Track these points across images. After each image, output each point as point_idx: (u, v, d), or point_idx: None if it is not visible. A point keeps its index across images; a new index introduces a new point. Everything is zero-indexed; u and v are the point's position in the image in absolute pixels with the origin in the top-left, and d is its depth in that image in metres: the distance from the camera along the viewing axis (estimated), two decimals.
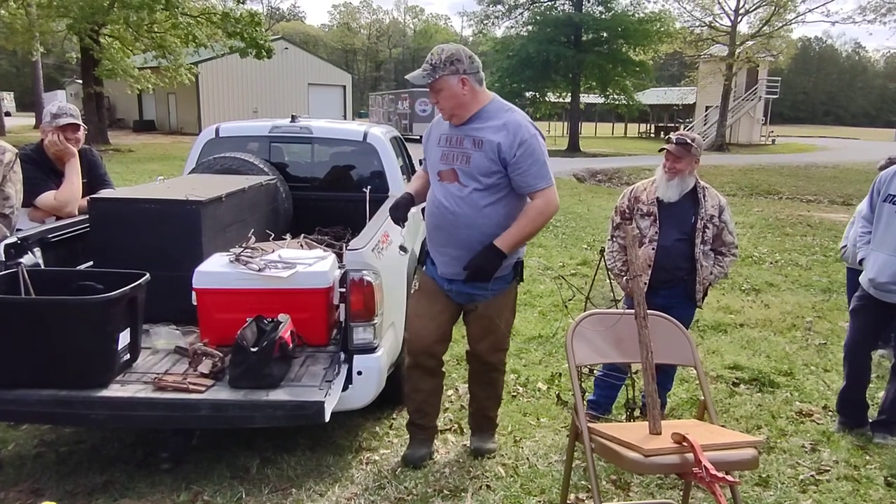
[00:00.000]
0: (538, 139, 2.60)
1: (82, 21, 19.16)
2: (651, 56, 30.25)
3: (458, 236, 2.65)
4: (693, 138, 3.18)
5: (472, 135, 2.61)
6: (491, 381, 3.01)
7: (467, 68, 2.56)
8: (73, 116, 3.36)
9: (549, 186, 2.62)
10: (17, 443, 3.12)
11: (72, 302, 2.54)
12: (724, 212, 3.20)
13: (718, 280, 3.29)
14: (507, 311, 2.86)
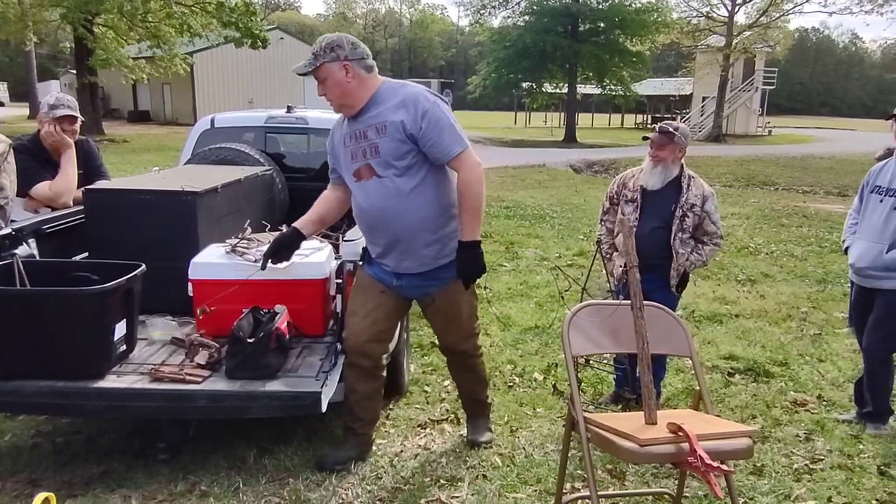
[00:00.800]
0: (439, 105, 2.52)
1: (76, 10, 19.02)
2: (648, 46, 30.20)
3: (394, 230, 2.56)
4: (677, 127, 3.22)
5: (372, 123, 2.52)
6: (469, 368, 2.96)
7: (349, 54, 2.48)
8: (70, 108, 3.34)
9: (465, 148, 2.52)
10: (13, 433, 3.13)
11: (66, 293, 2.54)
12: (707, 202, 3.21)
13: (696, 267, 3.31)
14: (465, 295, 2.74)
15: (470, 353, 2.91)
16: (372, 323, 2.67)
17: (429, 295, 2.72)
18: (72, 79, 28.22)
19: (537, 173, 15.81)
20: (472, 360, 2.93)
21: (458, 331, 2.82)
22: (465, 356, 2.91)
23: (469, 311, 2.81)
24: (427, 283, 2.68)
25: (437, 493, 2.62)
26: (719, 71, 29.61)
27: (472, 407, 3.06)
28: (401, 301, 2.75)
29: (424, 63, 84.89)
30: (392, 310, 2.73)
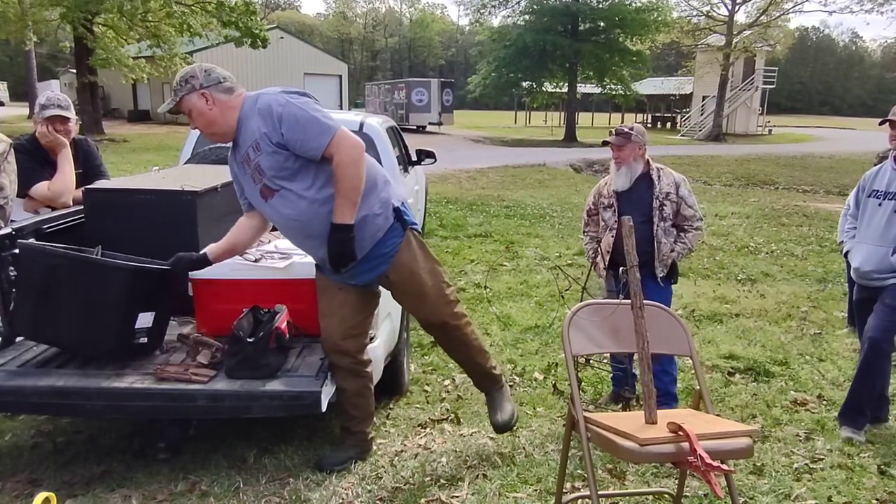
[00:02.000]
0: (292, 103, 2.44)
1: (75, 10, 18.98)
2: (648, 46, 30.15)
3: (314, 233, 2.53)
4: (632, 127, 3.34)
5: (248, 144, 2.49)
6: (459, 341, 2.86)
7: (203, 82, 2.46)
8: (60, 108, 3.31)
9: (334, 134, 2.43)
10: (13, 433, 3.13)
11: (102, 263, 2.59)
12: (680, 187, 3.29)
13: (683, 255, 3.35)
14: (420, 263, 2.68)
15: (452, 325, 2.79)
16: (340, 321, 2.66)
17: (381, 276, 2.67)
18: (72, 78, 28.22)
19: (537, 173, 15.81)
20: (458, 332, 2.83)
21: (429, 302, 2.73)
22: (449, 329, 2.80)
23: (434, 279, 2.73)
24: (373, 265, 2.63)
25: (437, 492, 2.63)
26: (719, 70, 29.59)
27: (482, 382, 3.00)
28: (363, 293, 2.71)
29: (424, 62, 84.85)
30: (357, 304, 2.70)
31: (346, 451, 2.82)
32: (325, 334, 2.68)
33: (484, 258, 6.95)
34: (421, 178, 6.94)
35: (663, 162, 3.42)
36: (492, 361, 3.00)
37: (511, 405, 3.00)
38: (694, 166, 17.91)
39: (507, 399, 3.01)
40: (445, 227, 8.55)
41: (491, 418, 2.96)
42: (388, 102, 32.35)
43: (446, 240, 7.85)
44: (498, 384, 3.01)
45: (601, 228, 3.42)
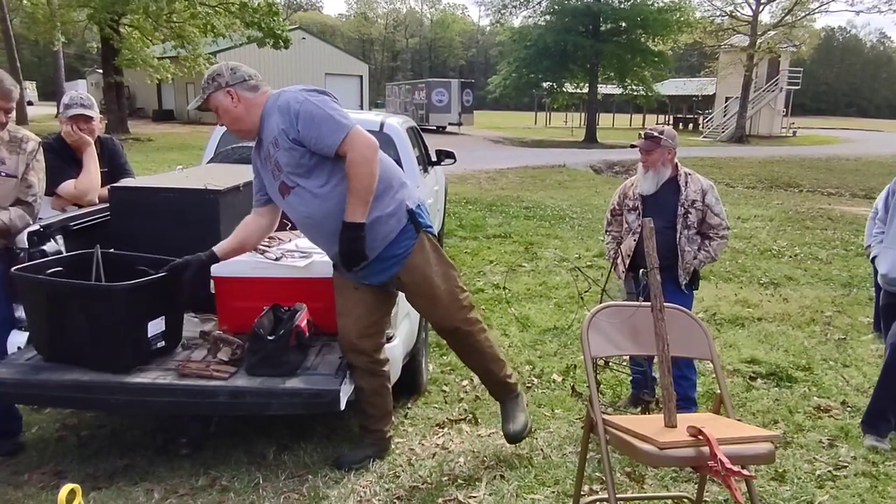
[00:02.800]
0: (310, 100, 2.46)
1: (102, 11, 19.34)
2: (670, 46, 29.91)
3: (327, 229, 2.55)
4: (661, 131, 3.26)
5: (269, 140, 2.52)
6: (472, 347, 2.83)
7: (229, 80, 2.51)
8: (83, 107, 3.36)
9: (348, 132, 2.44)
10: (39, 426, 3.19)
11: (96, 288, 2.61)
12: (707, 195, 3.23)
13: (705, 264, 3.31)
14: (432, 266, 2.66)
15: (465, 330, 2.77)
16: (356, 320, 2.68)
17: (393, 276, 2.66)
18: (98, 78, 28.69)
19: (557, 174, 15.75)
20: (471, 339, 2.80)
21: (441, 306, 2.71)
22: (461, 334, 2.78)
23: (447, 283, 2.70)
24: (385, 266, 2.62)
25: (454, 492, 2.63)
26: (743, 71, 29.24)
27: (496, 390, 2.96)
28: (379, 293, 2.71)
29: (445, 63, 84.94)
30: (373, 303, 2.70)
31: (365, 450, 2.83)
32: (342, 333, 2.70)
33: (503, 259, 6.94)
34: (441, 178, 6.95)
35: (685, 164, 3.38)
36: (507, 370, 2.95)
37: (525, 416, 2.94)
38: (716, 168, 17.72)
39: (521, 409, 2.95)
40: (465, 228, 8.55)
41: (503, 427, 2.93)
42: (409, 103, 32.44)
43: (465, 240, 7.85)
44: (512, 393, 2.96)
45: (624, 230, 3.39)
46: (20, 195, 2.77)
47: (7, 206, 2.73)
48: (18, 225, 2.76)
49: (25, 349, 2.75)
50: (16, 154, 2.77)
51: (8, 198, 2.74)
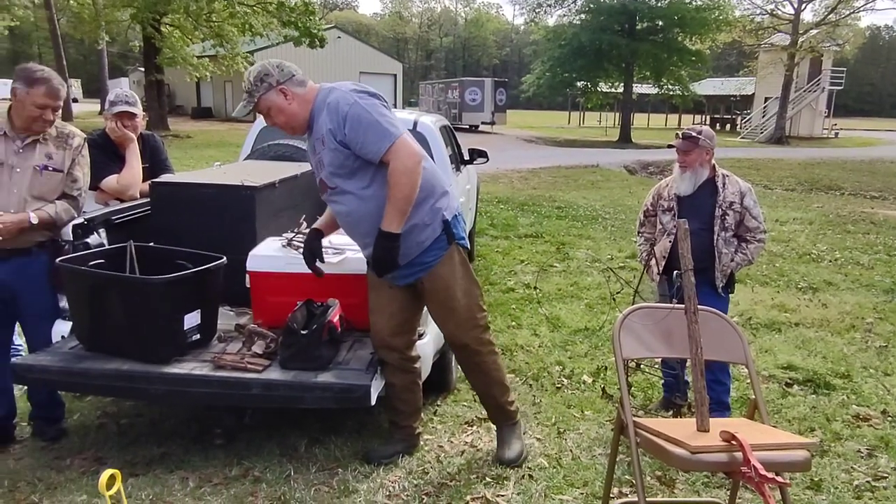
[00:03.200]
0: (360, 104, 2.44)
1: (145, 10, 19.84)
2: (708, 45, 29.36)
3: (363, 230, 2.57)
4: (700, 131, 3.20)
5: (318, 136, 2.53)
6: (477, 367, 2.80)
7: (279, 78, 2.48)
8: (128, 104, 3.46)
9: (395, 141, 2.42)
10: (81, 413, 3.30)
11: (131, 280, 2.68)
12: (745, 197, 3.17)
13: (742, 267, 3.25)
14: (457, 279, 2.65)
15: (474, 349, 2.75)
16: (389, 317, 2.70)
17: (418, 280, 2.67)
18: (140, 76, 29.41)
19: (590, 174, 15.61)
20: (478, 358, 2.78)
21: (455, 320, 2.69)
22: (470, 352, 2.76)
23: (467, 300, 2.69)
24: (413, 271, 2.63)
25: (482, 490, 2.64)
26: (783, 71, 28.55)
27: (494, 415, 2.93)
28: (413, 291, 2.73)
29: (478, 62, 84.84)
30: (406, 301, 2.72)
31: (394, 445, 2.86)
32: (374, 330, 2.73)
33: (534, 259, 6.91)
34: (473, 177, 6.96)
35: (722, 165, 3.32)
36: (509, 397, 2.92)
37: (520, 444, 2.91)
38: (754, 169, 17.35)
39: (517, 437, 2.93)
40: (496, 227, 8.54)
41: (497, 452, 2.89)
42: (442, 101, 32.49)
43: (497, 239, 7.84)
44: (510, 420, 2.93)
45: (658, 231, 3.35)
46: (66, 189, 2.87)
47: (53, 199, 2.82)
48: (64, 218, 2.86)
49: (69, 338, 2.85)
50: (62, 150, 2.86)
51: (55, 192, 2.83)
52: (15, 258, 2.78)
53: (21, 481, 2.66)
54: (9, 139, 2.74)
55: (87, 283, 2.65)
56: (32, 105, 2.68)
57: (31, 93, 2.67)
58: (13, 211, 2.70)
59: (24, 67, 2.74)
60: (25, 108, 2.69)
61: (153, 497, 2.51)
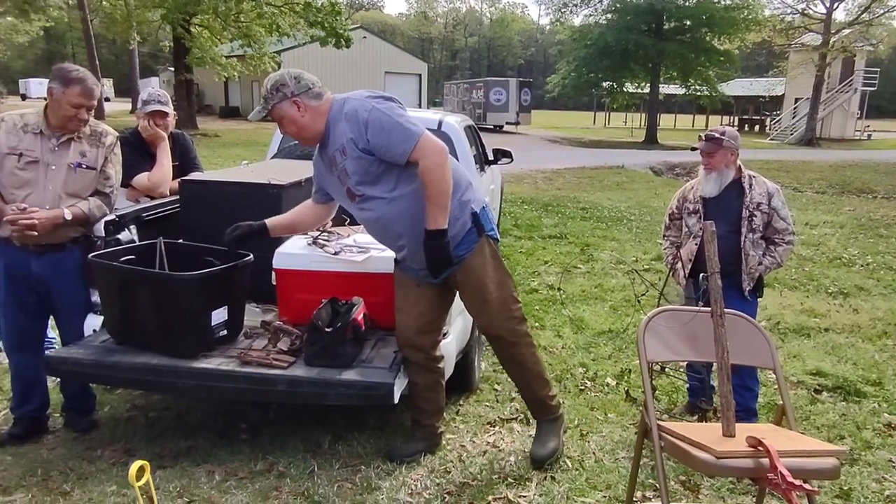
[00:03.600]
0: (378, 109, 2.47)
1: (175, 11, 20.17)
2: (737, 45, 28.90)
3: (397, 234, 2.60)
4: (723, 131, 3.15)
5: (336, 148, 2.54)
6: (514, 359, 2.81)
7: (295, 89, 2.51)
8: (160, 103, 3.53)
9: (418, 140, 2.45)
10: (111, 406, 3.37)
11: (161, 276, 2.74)
12: (773, 198, 3.12)
13: (770, 270, 3.20)
14: (489, 271, 2.67)
15: (509, 341, 2.76)
16: (416, 316, 2.71)
17: (451, 275, 2.69)
18: (170, 76, 29.89)
19: (615, 175, 15.48)
20: (514, 350, 2.79)
21: (490, 312, 2.71)
22: (505, 343, 2.78)
23: (500, 292, 2.70)
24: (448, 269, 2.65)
25: (504, 490, 2.64)
26: (814, 71, 27.99)
27: (534, 408, 2.94)
28: (439, 290, 2.74)
29: (503, 62, 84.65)
30: (432, 301, 2.74)
31: (416, 444, 2.87)
32: (400, 329, 2.75)
33: (558, 260, 6.88)
34: (497, 177, 6.95)
35: (750, 167, 3.28)
36: (550, 390, 2.92)
37: (556, 442, 2.88)
38: (784, 172, 17.06)
39: (555, 434, 2.90)
40: (520, 228, 8.52)
41: (531, 449, 2.88)
42: (467, 101, 32.48)
43: (520, 240, 7.82)
44: (550, 415, 2.92)
45: (683, 234, 3.31)
46: (98, 186, 2.93)
47: (87, 196, 2.89)
48: (97, 214, 2.92)
49: (100, 332, 2.91)
50: (95, 147, 2.92)
51: (88, 188, 2.89)
52: (49, 253, 2.85)
53: (54, 471, 2.73)
54: (44, 137, 2.81)
55: (117, 279, 2.70)
56: (68, 104, 2.75)
57: (67, 92, 2.73)
58: (48, 207, 2.77)
59: (60, 67, 2.81)
60: (61, 108, 2.76)
61: (180, 489, 2.55)
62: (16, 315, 2.92)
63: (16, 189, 2.75)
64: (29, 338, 2.98)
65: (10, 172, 2.75)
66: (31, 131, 2.79)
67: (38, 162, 2.78)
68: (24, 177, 2.76)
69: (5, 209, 2.71)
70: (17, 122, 2.80)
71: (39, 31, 27.62)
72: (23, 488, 2.60)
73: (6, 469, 2.76)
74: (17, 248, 2.81)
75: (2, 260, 2.86)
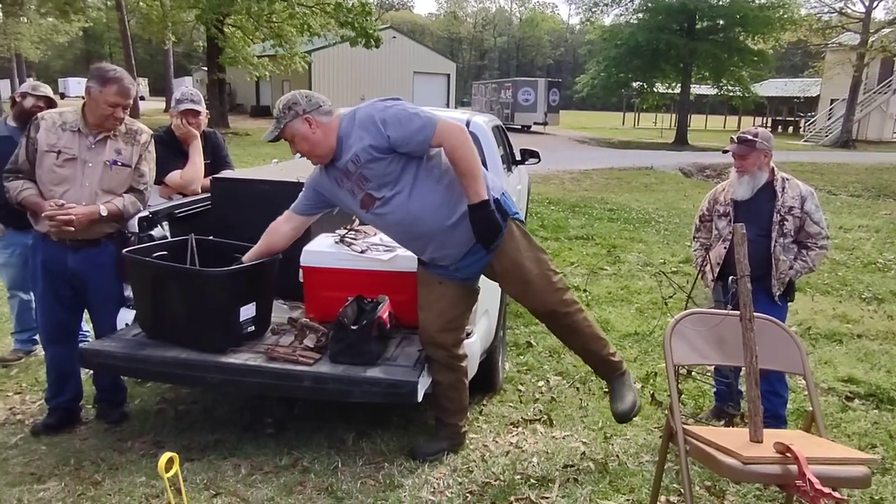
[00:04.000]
0: (389, 107, 2.53)
1: (209, 12, 20.51)
2: (771, 45, 28.36)
3: (421, 232, 2.61)
4: (756, 133, 3.09)
5: (348, 159, 2.56)
6: (570, 328, 2.81)
7: (306, 107, 2.55)
8: (193, 102, 3.60)
9: (435, 127, 2.49)
10: (141, 398, 3.44)
11: (191, 272, 2.79)
12: (806, 202, 3.05)
13: (802, 275, 3.13)
14: (523, 251, 2.69)
15: (561, 312, 2.75)
16: (438, 314, 2.72)
17: (487, 266, 2.70)
18: (203, 75, 30.38)
19: (644, 176, 15.31)
20: (567, 320, 2.78)
21: (536, 290, 2.71)
22: (558, 316, 2.77)
23: (539, 268, 2.71)
24: (478, 258, 2.67)
25: (526, 491, 2.63)
26: (852, 71, 27.31)
27: (600, 369, 2.94)
28: (462, 289, 2.75)
29: (532, 62, 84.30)
30: (455, 299, 2.75)
31: (439, 442, 2.88)
32: (423, 327, 2.76)
33: (584, 261, 6.84)
34: (524, 177, 6.93)
35: (783, 169, 3.22)
36: (609, 348, 2.91)
37: (633, 394, 2.86)
38: (818, 174, 16.68)
39: (628, 387, 2.88)
40: (546, 228, 8.48)
41: (611, 406, 2.87)
42: (494, 101, 32.42)
43: (547, 241, 7.79)
44: (617, 371, 2.90)
45: (713, 237, 3.26)
46: (133, 183, 3.00)
47: (121, 193, 2.96)
48: (131, 211, 2.99)
49: (132, 326, 2.98)
50: (131, 145, 3.00)
51: (123, 185, 2.97)
52: (85, 248, 2.93)
53: (86, 461, 2.80)
54: (82, 135, 2.88)
55: (150, 274, 2.77)
56: (105, 103, 2.82)
57: (105, 91, 2.80)
58: (84, 203, 2.84)
59: (98, 67, 2.88)
60: (99, 106, 2.83)
61: (207, 482, 2.60)
62: (52, 308, 3.01)
63: (54, 185, 2.83)
64: (64, 330, 3.06)
65: (48, 169, 2.83)
66: (69, 129, 2.87)
67: (75, 159, 2.85)
68: (62, 173, 2.84)
69: (44, 205, 2.80)
70: (57, 120, 2.89)
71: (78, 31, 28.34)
72: (56, 477, 2.68)
73: (40, 458, 2.85)
74: (54, 244, 2.90)
75: (40, 255, 2.95)
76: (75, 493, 2.54)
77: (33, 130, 2.86)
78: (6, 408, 3.37)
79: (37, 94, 3.67)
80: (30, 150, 2.85)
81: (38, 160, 2.84)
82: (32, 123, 2.89)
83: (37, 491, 2.56)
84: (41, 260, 2.95)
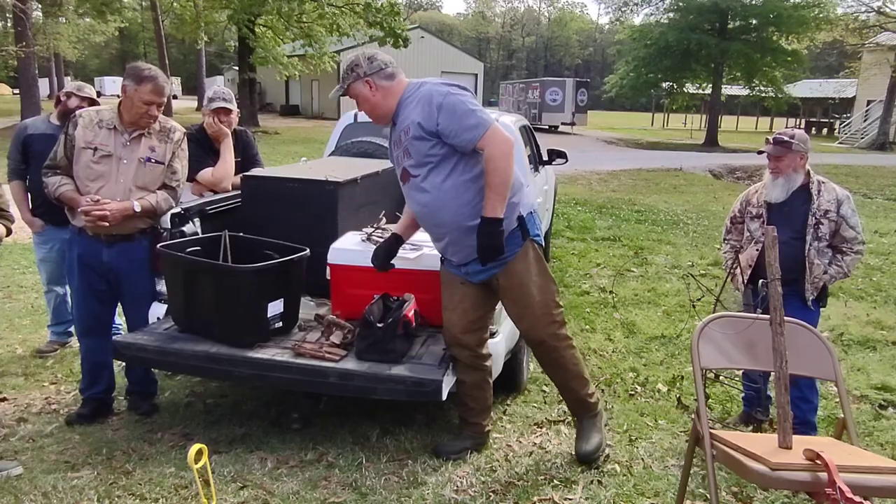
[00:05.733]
0: (452, 94, 2.52)
1: (241, 12, 20.80)
2: (806, 45, 27.76)
3: (441, 222, 2.63)
4: (792, 135, 3.03)
5: (402, 128, 2.60)
6: (556, 362, 2.81)
7: (367, 70, 2.59)
8: (225, 101, 3.65)
9: (489, 128, 2.49)
10: (171, 391, 3.51)
11: (221, 268, 2.84)
12: (842, 205, 2.98)
13: (836, 280, 3.06)
14: (532, 275, 2.67)
15: (551, 345, 2.76)
16: (461, 314, 2.73)
17: (493, 277, 2.69)
18: (234, 75, 30.86)
19: (673, 177, 15.12)
20: (555, 354, 2.78)
21: (531, 317, 2.72)
22: (546, 348, 2.77)
23: (542, 296, 2.70)
24: (488, 267, 2.66)
25: (550, 492, 2.63)
26: (889, 72, 26.60)
27: (574, 407, 2.94)
28: (485, 289, 2.75)
29: (560, 62, 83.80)
30: (478, 299, 2.75)
31: (463, 441, 2.89)
32: (447, 326, 2.78)
33: (611, 262, 6.79)
34: (551, 177, 6.90)
35: (818, 172, 3.15)
36: (588, 388, 2.91)
37: (600, 437, 2.89)
38: (853, 177, 16.30)
39: (597, 429, 2.91)
40: (573, 229, 8.43)
41: (576, 445, 2.88)
42: (522, 101, 32.32)
43: (573, 241, 7.75)
44: (590, 412, 2.92)
45: (745, 239, 3.21)
46: (166, 180, 3.06)
47: (155, 189, 3.02)
48: (164, 207, 3.05)
49: (164, 320, 3.05)
50: (164, 143, 3.06)
51: (156, 182, 3.03)
52: (119, 243, 3.00)
53: (117, 451, 2.87)
54: (118, 133, 2.95)
55: (182, 269, 2.82)
56: (140, 101, 2.88)
57: (140, 90, 2.87)
58: (119, 199, 2.91)
59: (134, 66, 2.95)
60: (134, 104, 2.90)
61: (234, 474, 2.65)
62: (87, 301, 3.09)
63: (90, 181, 2.91)
64: (99, 323, 3.14)
65: (85, 165, 2.90)
66: (105, 126, 2.95)
67: (111, 156, 2.92)
68: (98, 170, 2.91)
69: (80, 200, 2.87)
70: (94, 117, 2.96)
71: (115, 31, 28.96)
72: (89, 466, 2.75)
73: (74, 447, 2.92)
74: (90, 238, 2.97)
75: (76, 249, 3.03)
76: (107, 482, 2.60)
77: (71, 127, 2.94)
78: (42, 397, 3.47)
79: (81, 94, 3.76)
80: (67, 147, 2.93)
81: (76, 156, 2.91)
82: (70, 121, 2.97)
83: (70, 479, 2.63)
84: (77, 254, 3.03)
